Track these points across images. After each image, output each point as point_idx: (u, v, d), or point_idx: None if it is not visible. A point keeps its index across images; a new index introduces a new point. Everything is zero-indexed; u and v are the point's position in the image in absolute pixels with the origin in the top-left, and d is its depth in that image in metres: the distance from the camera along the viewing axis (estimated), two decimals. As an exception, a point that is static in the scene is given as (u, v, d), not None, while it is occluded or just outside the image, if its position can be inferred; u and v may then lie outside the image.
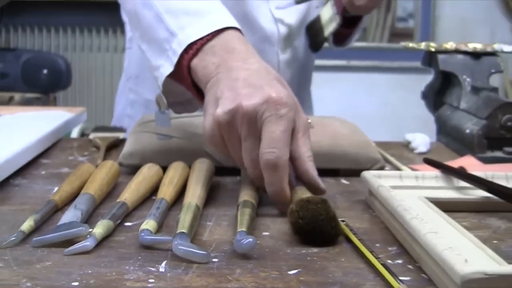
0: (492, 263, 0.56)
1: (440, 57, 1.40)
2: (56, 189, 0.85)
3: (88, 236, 0.65)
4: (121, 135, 1.24)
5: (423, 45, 1.44)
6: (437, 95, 1.47)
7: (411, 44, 1.47)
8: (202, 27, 0.90)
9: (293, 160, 0.81)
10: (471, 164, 1.10)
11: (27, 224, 0.69)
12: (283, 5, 1.46)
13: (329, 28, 1.46)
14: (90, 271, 0.59)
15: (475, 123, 1.22)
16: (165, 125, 1.06)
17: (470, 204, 0.84)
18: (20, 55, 2.99)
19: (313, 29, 1.51)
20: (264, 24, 1.43)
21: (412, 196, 0.80)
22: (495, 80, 1.38)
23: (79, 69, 3.75)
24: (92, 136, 1.22)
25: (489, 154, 1.20)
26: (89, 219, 0.74)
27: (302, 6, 1.48)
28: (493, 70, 1.38)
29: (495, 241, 0.71)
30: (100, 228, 0.67)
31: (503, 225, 0.78)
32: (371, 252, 0.63)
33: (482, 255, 0.58)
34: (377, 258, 0.61)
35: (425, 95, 1.52)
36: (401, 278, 0.57)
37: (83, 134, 2.69)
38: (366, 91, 4.10)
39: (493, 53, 1.41)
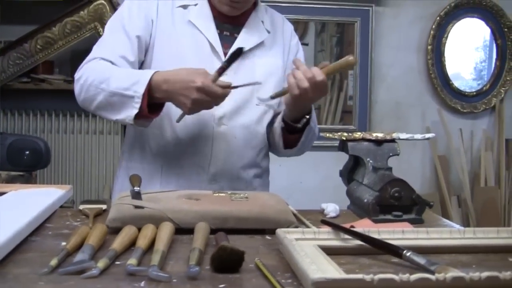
0: (336, 274, 0.96)
1: (350, 144, 1.79)
2: (63, 243, 1.24)
3: (94, 268, 1.04)
4: (103, 206, 1.62)
5: (337, 135, 1.83)
6: (349, 173, 1.87)
7: (328, 134, 1.86)
8: (143, 84, 1.65)
9: None
10: (366, 224, 1.50)
11: (53, 262, 1.07)
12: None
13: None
14: (99, 286, 0.97)
15: (371, 194, 1.61)
16: (138, 198, 1.46)
17: (349, 249, 1.24)
18: (6, 138, 3.30)
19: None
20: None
21: (309, 245, 1.20)
22: (393, 162, 1.75)
23: (57, 149, 4.16)
24: (81, 207, 1.61)
25: (381, 217, 1.59)
26: (92, 259, 1.13)
27: (239, 97, 1.86)
28: (391, 154, 1.77)
29: (357, 270, 1.11)
30: (101, 263, 1.06)
31: (367, 261, 1.18)
32: (272, 275, 1.03)
33: (333, 271, 0.98)
34: (274, 278, 1.01)
35: (341, 174, 1.92)
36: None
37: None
38: (310, 167, 4.43)
39: (393, 140, 1.80)
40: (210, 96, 1.63)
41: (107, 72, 1.76)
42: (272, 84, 1.94)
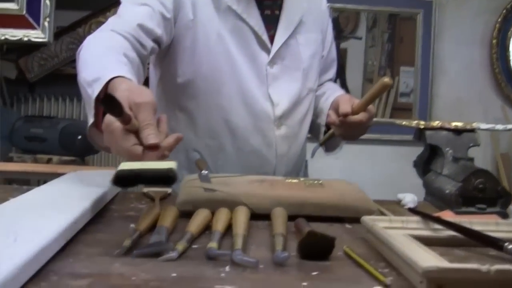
0: (444, 263, 0.86)
1: (428, 133, 1.69)
2: (132, 225, 1.15)
3: (172, 251, 0.95)
4: (168, 190, 1.54)
5: (414, 123, 1.73)
6: (425, 164, 1.77)
7: (404, 122, 1.76)
8: (98, 87, 1.26)
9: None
10: (448, 216, 1.40)
11: (127, 243, 0.99)
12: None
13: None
14: (180, 269, 0.88)
15: (454, 185, 1.51)
16: (207, 182, 1.37)
17: (441, 240, 1.14)
18: (58, 122, 3.28)
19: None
20: (262, 107, 1.75)
21: (397, 234, 1.10)
22: (473, 152, 1.65)
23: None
24: (145, 190, 1.53)
25: (464, 209, 1.49)
26: (166, 242, 1.04)
27: (293, 94, 1.80)
28: (471, 144, 1.67)
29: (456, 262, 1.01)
30: (179, 246, 0.97)
31: (462, 253, 1.08)
32: (368, 262, 0.93)
33: (439, 261, 0.88)
34: (371, 265, 0.91)
35: (416, 164, 1.82)
36: (386, 277, 0.87)
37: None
38: (367, 161, 4.36)
39: (472, 130, 1.69)
40: (114, 141, 1.15)
41: (93, 50, 1.45)
42: (315, 65, 1.88)
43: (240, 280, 0.85)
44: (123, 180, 1.07)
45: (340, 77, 4.40)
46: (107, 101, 1.06)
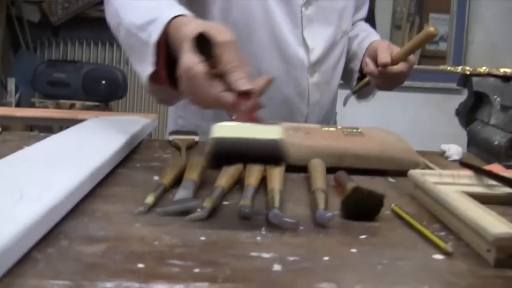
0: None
1: (474, 79, 1.57)
2: (155, 177, 1.05)
3: (200, 209, 0.85)
4: (196, 138, 1.43)
5: (459, 69, 1.61)
6: (470, 112, 1.65)
7: (449, 67, 1.65)
8: (157, 29, 1.10)
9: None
10: (497, 170, 1.28)
11: (150, 199, 0.88)
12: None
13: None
14: (210, 231, 0.78)
15: (503, 136, 1.40)
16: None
17: (497, 198, 1.02)
18: (81, 67, 3.20)
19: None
20: (296, 53, 1.61)
21: (449, 190, 0.98)
22: None
23: (132, 81, 3.98)
24: (171, 138, 1.42)
25: (514, 162, 1.37)
26: (194, 198, 0.93)
27: (328, 38, 1.66)
28: (521, 91, 1.55)
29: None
30: (209, 203, 0.86)
31: (524, 214, 0.97)
32: (421, 224, 0.82)
33: (508, 226, 0.76)
34: (428, 229, 0.80)
35: (459, 112, 1.70)
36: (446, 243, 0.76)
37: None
38: (397, 109, 4.24)
39: (522, 76, 1.58)
40: (197, 89, 0.99)
41: None
42: (350, 6, 1.74)
43: (278, 246, 0.74)
44: (222, 155, 0.85)
45: (370, 23, 4.27)
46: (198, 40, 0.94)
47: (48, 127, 3.19)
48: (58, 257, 0.66)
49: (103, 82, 3.07)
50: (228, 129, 0.87)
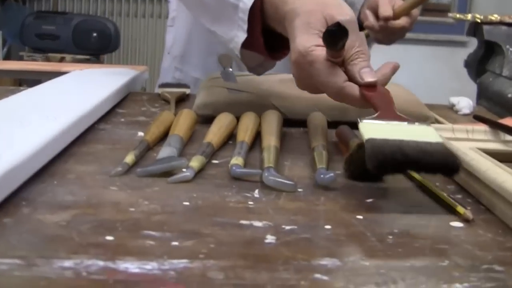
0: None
1: (486, 28, 1.47)
2: (139, 133, 0.96)
3: (186, 168, 0.75)
4: (187, 91, 1.33)
5: (469, 16, 1.51)
6: (480, 64, 1.54)
7: (458, 15, 1.54)
8: None
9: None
10: (511, 124, 1.18)
11: (129, 158, 0.78)
12: None
13: None
14: (195, 195, 0.68)
15: (517, 88, 1.30)
16: (231, 81, 1.16)
17: (515, 155, 0.92)
18: (71, 18, 3.09)
19: None
20: None
21: (464, 147, 0.89)
22: None
23: (126, 33, 3.86)
24: (160, 91, 1.32)
25: (529, 116, 1.27)
26: (180, 156, 0.83)
27: None
28: (534, 40, 1.45)
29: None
30: (196, 162, 0.77)
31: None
32: (436, 186, 0.72)
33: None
34: (441, 192, 0.70)
35: (468, 64, 1.60)
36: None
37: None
38: (399, 62, 4.13)
39: (535, 24, 1.47)
40: (315, 77, 0.84)
41: None
42: None
43: (273, 212, 0.64)
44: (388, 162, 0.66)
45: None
46: (332, 31, 0.76)
47: (37, 82, 3.09)
48: (14, 228, 0.56)
49: (94, 34, 2.96)
50: (379, 129, 0.72)
